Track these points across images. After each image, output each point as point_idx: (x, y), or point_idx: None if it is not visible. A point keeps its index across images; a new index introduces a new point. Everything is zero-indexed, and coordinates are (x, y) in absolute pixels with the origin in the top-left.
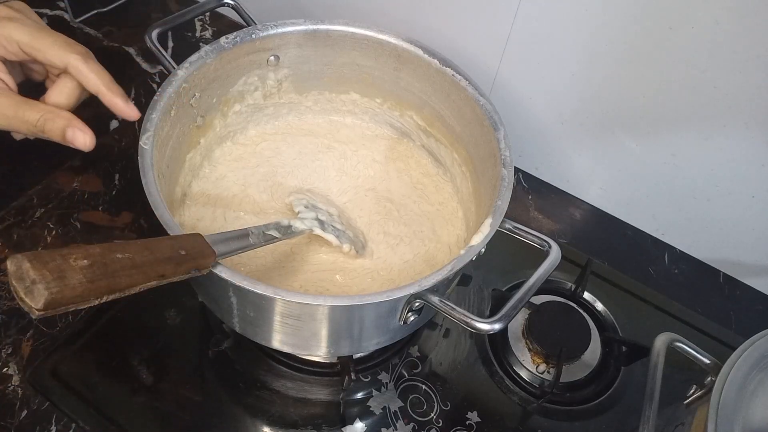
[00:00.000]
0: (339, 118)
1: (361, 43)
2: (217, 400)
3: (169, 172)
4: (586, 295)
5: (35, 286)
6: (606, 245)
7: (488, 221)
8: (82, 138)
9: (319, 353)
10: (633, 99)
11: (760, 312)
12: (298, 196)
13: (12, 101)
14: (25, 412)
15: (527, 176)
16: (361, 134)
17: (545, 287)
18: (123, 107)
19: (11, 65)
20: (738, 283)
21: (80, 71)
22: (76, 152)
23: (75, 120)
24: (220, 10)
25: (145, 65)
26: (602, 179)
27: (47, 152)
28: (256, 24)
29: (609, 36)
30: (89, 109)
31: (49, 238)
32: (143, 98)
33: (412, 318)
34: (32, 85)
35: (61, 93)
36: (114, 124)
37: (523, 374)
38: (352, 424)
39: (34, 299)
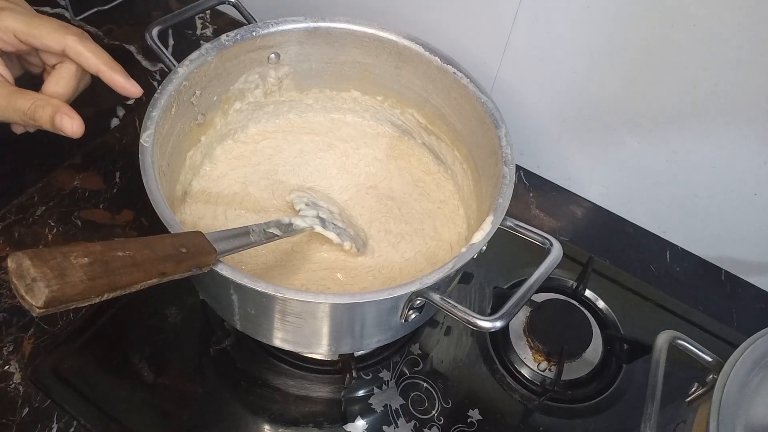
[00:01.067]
0: (340, 116)
1: (362, 40)
2: (218, 398)
3: (169, 170)
4: (588, 293)
5: (36, 284)
6: (607, 243)
7: (489, 219)
8: (70, 124)
9: (321, 351)
10: (634, 97)
11: (761, 310)
12: (299, 194)
13: (5, 91)
14: (26, 409)
15: (528, 174)
16: (362, 132)
17: (547, 285)
18: (124, 83)
19: (8, 58)
20: (740, 281)
21: (78, 52)
22: (77, 150)
23: (64, 107)
24: (221, 7)
25: (145, 63)
26: (603, 177)
27: (48, 150)
28: (256, 22)
29: (610, 33)
30: (90, 107)
31: (50, 236)
32: (144, 96)
33: (413, 316)
34: (30, 78)
35: (58, 83)
36: (115, 122)
37: (525, 372)
38: (353, 421)
39: (35, 297)
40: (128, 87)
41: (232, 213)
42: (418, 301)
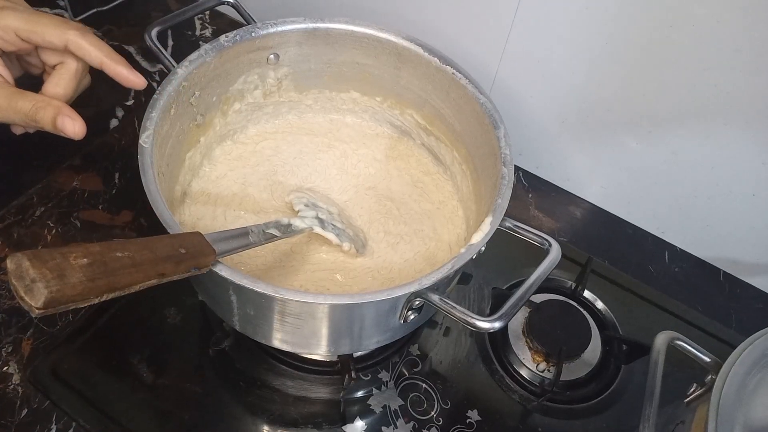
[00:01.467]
0: (339, 117)
1: (361, 41)
2: (217, 399)
3: (169, 170)
4: (587, 294)
5: (35, 285)
6: (606, 244)
7: (488, 220)
8: (71, 125)
9: (320, 352)
10: (633, 97)
11: (760, 310)
12: (298, 194)
13: (6, 92)
14: (25, 410)
15: (527, 175)
16: (361, 133)
17: (545, 286)
18: (127, 75)
19: (9, 58)
20: (738, 282)
21: (80, 46)
22: (77, 151)
23: (65, 108)
24: (220, 8)
25: (144, 64)
26: (602, 178)
27: (47, 151)
28: (255, 22)
29: (609, 34)
30: (90, 108)
31: (49, 237)
32: (143, 96)
33: (412, 316)
34: (30, 79)
35: (58, 84)
36: (114, 122)
37: (524, 373)
38: (352, 422)
39: (34, 298)
40: (132, 78)
41: (231, 214)
42: (417, 302)
